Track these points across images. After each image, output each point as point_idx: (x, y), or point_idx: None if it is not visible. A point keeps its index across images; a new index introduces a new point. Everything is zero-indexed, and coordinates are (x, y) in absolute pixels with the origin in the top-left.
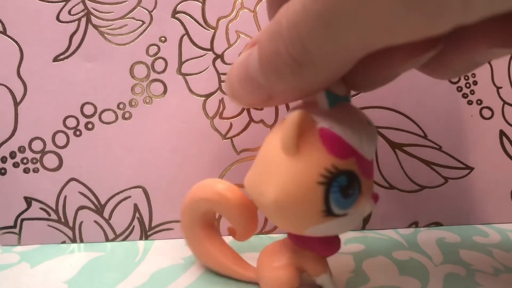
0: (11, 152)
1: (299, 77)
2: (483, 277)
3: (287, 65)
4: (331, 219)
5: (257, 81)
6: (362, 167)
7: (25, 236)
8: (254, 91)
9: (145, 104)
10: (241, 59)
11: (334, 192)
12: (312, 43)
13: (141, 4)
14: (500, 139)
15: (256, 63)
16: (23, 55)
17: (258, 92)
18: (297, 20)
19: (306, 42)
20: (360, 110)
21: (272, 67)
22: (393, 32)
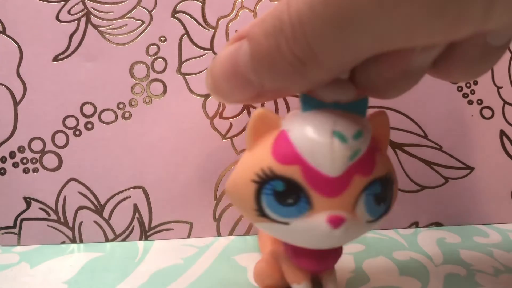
0: (11, 152)
1: (300, 76)
2: (483, 278)
3: (288, 63)
4: (267, 221)
5: (247, 77)
6: (311, 180)
7: (25, 236)
8: (241, 87)
9: (145, 104)
10: (227, 52)
11: (267, 195)
12: (320, 44)
13: (141, 4)
14: (500, 139)
15: (247, 58)
16: (23, 54)
17: (246, 88)
18: (304, 20)
19: (313, 42)
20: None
21: (268, 64)
22: (412, 37)
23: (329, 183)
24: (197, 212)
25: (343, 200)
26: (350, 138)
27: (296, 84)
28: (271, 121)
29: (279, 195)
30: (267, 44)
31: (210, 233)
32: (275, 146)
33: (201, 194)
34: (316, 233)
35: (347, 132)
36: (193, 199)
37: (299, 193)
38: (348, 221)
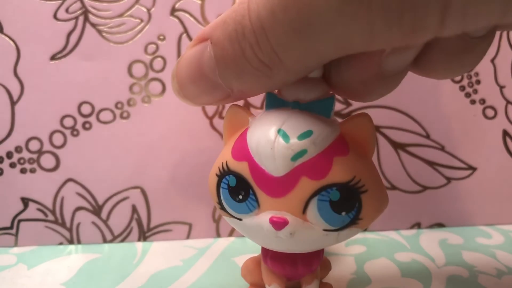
0: (8, 152)
1: (267, 79)
2: (486, 279)
3: (255, 68)
4: (227, 215)
5: (213, 81)
6: (257, 177)
7: (22, 237)
8: (210, 90)
9: (144, 103)
10: (191, 55)
11: (223, 188)
12: (283, 49)
13: (139, 2)
14: (503, 139)
15: (212, 62)
16: (20, 53)
17: (215, 91)
18: (265, 26)
19: (277, 48)
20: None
21: (235, 69)
22: (372, 43)
23: (273, 183)
24: (196, 213)
25: (288, 202)
26: (293, 138)
27: (264, 86)
28: (241, 118)
29: (231, 190)
30: (232, 49)
31: (209, 234)
32: (236, 142)
33: (201, 195)
34: (264, 233)
35: (292, 131)
36: (192, 199)
37: (248, 190)
38: (293, 225)
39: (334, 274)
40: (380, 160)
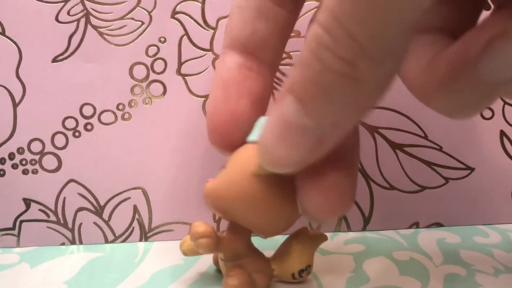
0: (10, 153)
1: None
2: (483, 278)
3: (340, 74)
4: None
5: (302, 127)
6: None
7: (24, 238)
8: (298, 141)
9: (145, 105)
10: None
11: None
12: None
13: (140, 5)
14: (500, 139)
15: (294, 107)
16: (22, 55)
17: (304, 139)
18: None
19: (351, 27)
20: None
21: (319, 93)
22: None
23: None
24: (197, 213)
25: None
26: None
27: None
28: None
29: None
30: (311, 71)
31: None
32: None
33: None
34: None
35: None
36: (193, 200)
37: None
38: None
39: (333, 273)
40: (378, 161)
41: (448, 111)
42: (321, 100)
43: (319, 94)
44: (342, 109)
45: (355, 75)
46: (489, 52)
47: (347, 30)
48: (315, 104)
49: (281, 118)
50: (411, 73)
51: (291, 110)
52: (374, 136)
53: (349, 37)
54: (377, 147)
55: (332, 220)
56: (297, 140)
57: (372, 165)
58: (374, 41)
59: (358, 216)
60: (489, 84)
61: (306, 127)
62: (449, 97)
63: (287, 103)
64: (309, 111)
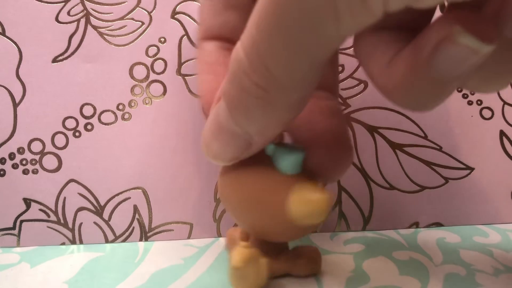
0: (10, 153)
1: (270, 107)
2: (483, 277)
3: (254, 97)
4: None
5: (232, 131)
6: None
7: (24, 237)
8: (230, 142)
9: (145, 105)
10: (210, 118)
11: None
12: (272, 58)
13: (140, 5)
14: (500, 140)
15: (226, 114)
16: (22, 56)
17: (235, 141)
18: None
19: (267, 61)
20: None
21: (241, 108)
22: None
23: None
24: (197, 213)
25: None
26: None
27: (272, 118)
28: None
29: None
30: (234, 89)
31: (210, 234)
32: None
33: (201, 195)
34: None
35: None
36: (193, 200)
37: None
38: None
39: (333, 272)
40: (378, 161)
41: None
42: (243, 115)
43: (241, 110)
44: (261, 124)
45: (269, 100)
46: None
47: (263, 60)
48: (239, 117)
49: (216, 119)
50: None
51: (223, 116)
52: (374, 136)
53: (263, 67)
54: (377, 147)
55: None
56: (229, 141)
57: (372, 165)
58: (285, 73)
59: (358, 216)
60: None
61: (235, 132)
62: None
63: (221, 108)
64: (236, 121)
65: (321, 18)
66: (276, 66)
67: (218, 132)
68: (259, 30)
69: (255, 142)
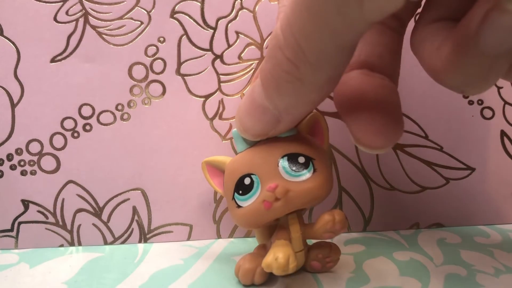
0: (8, 154)
1: (299, 83)
2: (484, 278)
3: (286, 72)
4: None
5: (263, 106)
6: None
7: (22, 239)
8: (261, 117)
9: (144, 105)
10: (246, 93)
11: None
12: (303, 36)
13: (139, 5)
14: (501, 139)
15: (259, 89)
16: (20, 56)
17: (265, 117)
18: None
19: (298, 36)
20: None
21: (273, 82)
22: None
23: None
24: (197, 214)
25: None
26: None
27: (300, 95)
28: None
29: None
30: (269, 63)
31: (210, 235)
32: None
33: (201, 196)
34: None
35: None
36: (192, 201)
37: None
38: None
39: (333, 273)
40: (379, 161)
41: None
42: (274, 89)
43: (273, 85)
44: (290, 100)
45: (299, 75)
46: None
47: (295, 37)
48: (271, 92)
49: (251, 95)
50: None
51: (257, 91)
52: None
53: (296, 44)
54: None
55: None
56: (260, 116)
57: (373, 166)
58: (314, 51)
59: (358, 217)
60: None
61: (266, 107)
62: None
63: (257, 83)
64: (268, 96)
65: (346, 4)
66: (306, 44)
67: (251, 106)
68: (292, 8)
69: (283, 120)
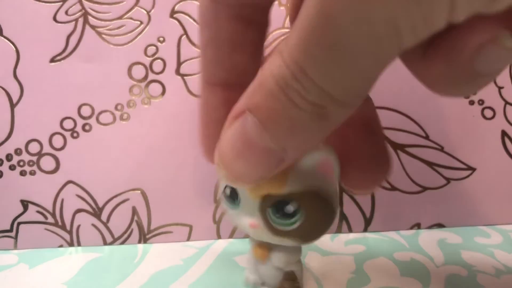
0: (8, 154)
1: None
2: (484, 278)
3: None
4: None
5: (264, 147)
6: None
7: (22, 240)
8: (261, 160)
9: (143, 105)
10: (229, 135)
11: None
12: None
13: (139, 4)
14: (502, 140)
15: (259, 129)
16: (20, 56)
17: (268, 159)
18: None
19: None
20: None
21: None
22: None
23: None
24: (196, 214)
25: None
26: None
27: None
28: None
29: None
30: (280, 104)
31: (210, 236)
32: None
33: (201, 196)
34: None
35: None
36: (192, 201)
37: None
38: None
39: (334, 273)
40: None
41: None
42: (286, 129)
43: (285, 125)
44: (305, 137)
45: (325, 113)
46: (480, 54)
47: (317, 84)
48: (280, 132)
49: (244, 136)
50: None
51: (255, 132)
52: None
53: (319, 89)
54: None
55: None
56: (260, 159)
57: None
58: (343, 93)
59: (359, 217)
60: (482, 73)
61: (269, 149)
62: (447, 86)
63: (250, 123)
64: (274, 137)
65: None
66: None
67: (245, 150)
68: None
69: (288, 158)
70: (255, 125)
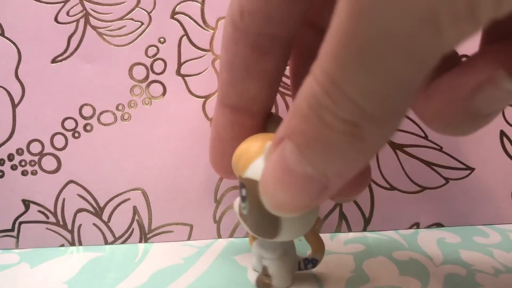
0: (9, 154)
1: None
2: (483, 278)
3: (342, 134)
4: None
5: (304, 174)
6: None
7: (23, 239)
8: (302, 188)
9: (144, 105)
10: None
11: None
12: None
13: (139, 5)
14: (500, 140)
15: (297, 155)
16: (21, 56)
17: (309, 186)
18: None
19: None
20: None
21: (321, 146)
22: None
23: None
24: (197, 214)
25: None
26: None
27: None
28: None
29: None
30: (312, 126)
31: (210, 235)
32: None
33: (201, 196)
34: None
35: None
36: (193, 201)
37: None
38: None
39: (333, 273)
40: (379, 161)
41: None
42: (323, 154)
43: (322, 149)
44: (344, 162)
45: (359, 134)
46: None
47: (348, 96)
48: (317, 157)
49: (283, 163)
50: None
51: (294, 159)
52: None
53: (351, 103)
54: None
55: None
56: (301, 186)
57: (373, 166)
58: (378, 106)
59: (358, 217)
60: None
61: (309, 175)
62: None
63: (289, 150)
64: (312, 162)
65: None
66: (366, 100)
67: (286, 178)
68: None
69: (332, 185)
70: (292, 151)
